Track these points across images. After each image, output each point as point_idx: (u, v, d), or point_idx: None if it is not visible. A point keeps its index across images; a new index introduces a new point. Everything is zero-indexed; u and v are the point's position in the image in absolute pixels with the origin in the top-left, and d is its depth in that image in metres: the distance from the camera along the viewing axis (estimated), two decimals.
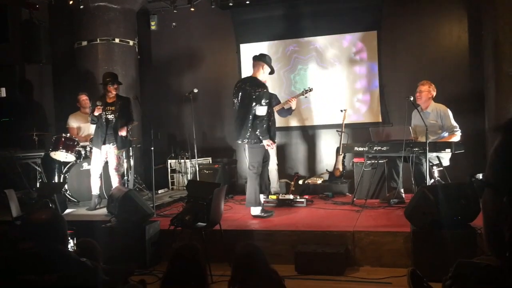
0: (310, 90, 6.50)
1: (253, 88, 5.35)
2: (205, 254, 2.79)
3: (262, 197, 5.60)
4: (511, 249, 0.88)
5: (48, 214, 2.21)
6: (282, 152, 7.88)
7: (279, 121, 7.71)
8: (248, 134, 5.34)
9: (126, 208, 4.81)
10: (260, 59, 5.53)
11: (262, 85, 5.42)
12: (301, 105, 7.85)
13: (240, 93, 5.44)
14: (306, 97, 6.71)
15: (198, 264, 2.55)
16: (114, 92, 6.03)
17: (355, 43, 7.66)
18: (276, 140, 6.28)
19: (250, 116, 5.30)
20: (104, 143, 5.98)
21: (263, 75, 5.54)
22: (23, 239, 2.11)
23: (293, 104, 6.21)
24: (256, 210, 5.43)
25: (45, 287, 1.87)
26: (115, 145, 6.01)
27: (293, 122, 7.92)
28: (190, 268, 2.50)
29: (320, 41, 7.80)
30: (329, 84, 7.73)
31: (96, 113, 5.91)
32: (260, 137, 5.32)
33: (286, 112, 6.43)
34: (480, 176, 0.99)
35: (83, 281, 1.97)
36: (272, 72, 5.66)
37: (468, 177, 1.01)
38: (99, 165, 6.08)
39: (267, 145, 5.38)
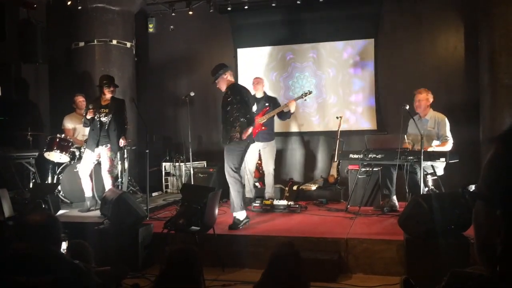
0: (310, 93, 6.59)
1: None
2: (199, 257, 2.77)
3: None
4: (502, 263, 0.88)
5: (43, 216, 2.21)
6: (277, 157, 7.87)
7: (275, 126, 7.73)
8: None
9: (120, 211, 4.79)
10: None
11: None
12: (298, 111, 7.86)
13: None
14: (305, 100, 6.76)
15: (194, 268, 2.54)
16: (109, 95, 6.02)
17: (352, 50, 7.69)
18: (274, 145, 6.53)
19: None
20: (97, 146, 5.97)
21: None
22: (16, 240, 2.09)
23: (292, 107, 6.31)
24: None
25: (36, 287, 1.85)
26: (108, 147, 5.99)
27: (289, 128, 7.93)
28: (186, 271, 2.49)
29: (318, 47, 7.83)
30: (325, 91, 7.75)
31: (88, 116, 5.91)
32: None
33: (285, 115, 6.50)
34: (472, 187, 0.98)
35: (76, 283, 1.96)
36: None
37: (461, 189, 1.01)
38: (88, 166, 6.05)
39: None
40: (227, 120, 5.17)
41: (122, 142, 6.08)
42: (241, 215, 5.15)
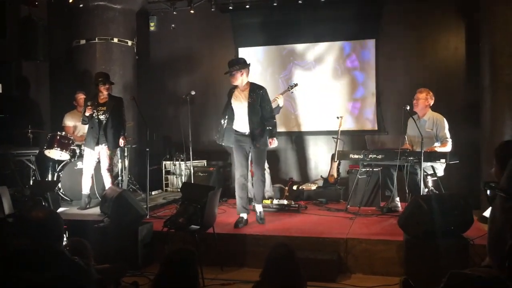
0: (296, 85, 6.72)
1: None
2: (198, 257, 2.78)
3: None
4: (510, 258, 0.88)
5: (45, 213, 2.21)
6: (277, 157, 7.88)
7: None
8: None
9: (120, 209, 4.79)
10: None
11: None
12: (298, 110, 7.87)
13: None
14: (292, 92, 6.84)
15: (192, 269, 2.55)
16: (105, 92, 6.01)
17: (353, 50, 7.69)
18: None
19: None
20: (97, 144, 5.97)
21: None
22: (18, 236, 2.10)
23: (280, 101, 6.31)
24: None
25: (38, 284, 1.86)
26: (107, 145, 5.99)
27: (289, 128, 7.93)
28: (183, 272, 2.50)
29: (318, 47, 7.82)
30: (325, 91, 7.75)
31: (87, 114, 5.90)
32: None
33: (275, 110, 6.47)
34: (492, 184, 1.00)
35: (76, 280, 1.96)
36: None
37: (482, 183, 1.03)
38: (91, 165, 6.06)
39: None
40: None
41: (122, 142, 6.09)
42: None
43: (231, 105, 5.33)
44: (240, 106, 5.27)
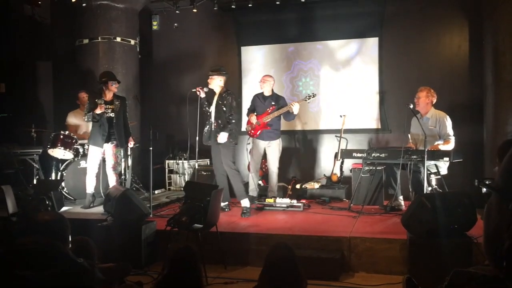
0: (314, 96, 6.48)
1: None
2: (200, 256, 2.78)
3: None
4: (508, 258, 0.88)
5: (51, 216, 2.21)
6: (280, 156, 7.87)
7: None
8: None
9: (123, 207, 4.80)
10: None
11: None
12: (301, 110, 7.85)
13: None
14: (308, 102, 6.75)
15: (194, 267, 2.55)
16: (115, 90, 6.03)
17: (356, 48, 7.68)
18: (279, 144, 6.60)
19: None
20: (106, 142, 5.98)
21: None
22: (22, 235, 2.10)
23: (295, 109, 6.19)
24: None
25: (41, 283, 1.86)
26: (114, 143, 6.01)
27: (292, 126, 7.92)
28: (187, 271, 2.50)
29: (322, 46, 7.81)
30: (329, 89, 7.74)
31: (98, 112, 5.86)
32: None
33: (290, 116, 6.46)
34: (487, 182, 0.99)
35: (78, 280, 1.97)
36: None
37: (477, 181, 1.01)
38: (96, 163, 6.07)
39: None
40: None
41: (132, 143, 6.15)
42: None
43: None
44: (212, 108, 5.94)
